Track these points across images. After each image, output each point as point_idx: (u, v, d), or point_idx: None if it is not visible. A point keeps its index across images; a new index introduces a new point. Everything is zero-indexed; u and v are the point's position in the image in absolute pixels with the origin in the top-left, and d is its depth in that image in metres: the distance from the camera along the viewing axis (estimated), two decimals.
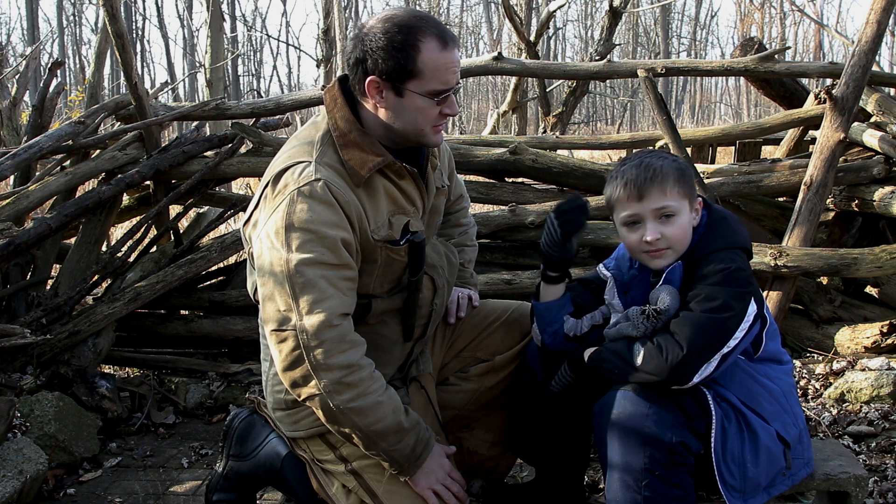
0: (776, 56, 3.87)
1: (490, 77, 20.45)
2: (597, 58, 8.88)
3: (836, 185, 3.52)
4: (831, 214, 3.81)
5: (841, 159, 3.43)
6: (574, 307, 1.93)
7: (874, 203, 3.41)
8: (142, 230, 3.53)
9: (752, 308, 1.66)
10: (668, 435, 1.59)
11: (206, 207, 4.05)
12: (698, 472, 1.65)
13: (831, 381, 2.99)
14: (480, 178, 3.85)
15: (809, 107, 4.05)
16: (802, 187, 3.32)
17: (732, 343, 1.62)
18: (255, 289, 1.84)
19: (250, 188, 7.18)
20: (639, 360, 1.64)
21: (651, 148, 3.93)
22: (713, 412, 1.64)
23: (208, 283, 3.82)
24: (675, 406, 1.63)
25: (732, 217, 1.81)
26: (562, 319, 1.90)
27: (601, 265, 1.94)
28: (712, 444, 1.63)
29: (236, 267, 3.83)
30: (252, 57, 30.49)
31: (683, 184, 1.73)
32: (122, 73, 4.04)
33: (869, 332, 3.18)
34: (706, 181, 3.50)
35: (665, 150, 3.58)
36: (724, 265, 1.67)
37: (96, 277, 3.37)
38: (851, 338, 3.22)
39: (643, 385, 1.64)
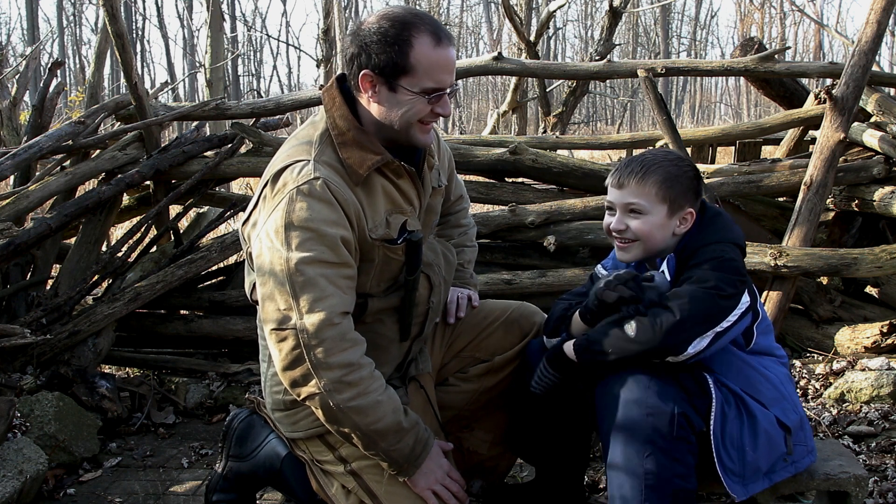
0: (776, 56, 3.87)
1: (490, 77, 20.45)
2: (597, 58, 8.88)
3: (836, 185, 3.52)
4: (831, 214, 3.81)
5: (841, 159, 3.43)
6: None
7: (874, 203, 3.41)
8: (142, 230, 3.53)
9: (746, 299, 1.69)
10: (670, 405, 1.60)
11: (206, 207, 4.05)
12: (700, 468, 1.65)
13: (831, 381, 2.99)
14: (480, 178, 3.85)
15: (809, 107, 4.05)
16: (802, 187, 3.32)
17: (725, 324, 1.64)
18: (253, 288, 1.84)
19: (250, 188, 7.19)
20: (632, 333, 1.64)
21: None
22: (713, 394, 1.65)
23: (208, 283, 3.82)
24: (676, 383, 1.65)
25: (727, 216, 1.85)
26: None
27: (599, 265, 1.98)
28: (711, 426, 1.64)
29: (236, 267, 3.83)
30: (252, 57, 30.51)
31: (666, 188, 1.76)
32: (122, 73, 4.04)
33: (869, 332, 3.18)
34: (706, 181, 3.50)
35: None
36: (715, 254, 1.70)
37: (96, 277, 3.37)
38: (851, 338, 3.22)
39: (640, 360, 1.65)
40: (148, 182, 3.81)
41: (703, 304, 1.62)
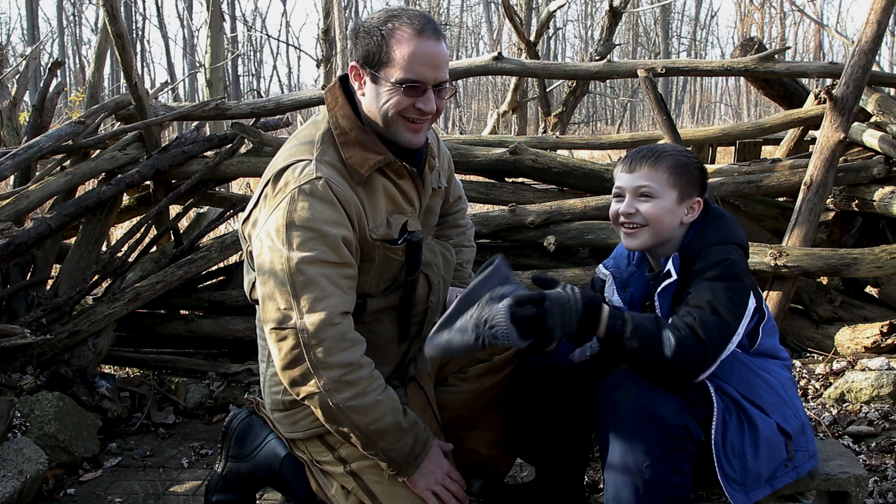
0: (776, 56, 3.87)
1: (490, 77, 20.47)
2: (597, 58, 8.88)
3: (836, 185, 3.52)
4: (831, 214, 3.81)
5: (841, 159, 3.43)
6: None
7: (874, 203, 3.41)
8: (142, 230, 3.53)
9: (752, 302, 1.69)
10: (671, 417, 1.59)
11: (206, 207, 4.05)
12: (698, 466, 1.65)
13: (831, 381, 2.99)
14: (480, 178, 3.85)
15: (809, 107, 4.05)
16: (802, 187, 3.32)
17: (736, 339, 1.65)
18: (252, 287, 1.84)
19: (250, 188, 7.19)
20: (668, 353, 1.60)
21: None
22: (715, 403, 1.65)
23: (208, 283, 3.82)
24: (679, 392, 1.64)
25: (730, 216, 1.84)
26: (567, 358, 1.90)
27: (601, 265, 1.97)
28: (713, 436, 1.64)
29: (236, 267, 3.83)
30: (252, 57, 30.51)
31: (677, 175, 1.77)
32: (122, 73, 4.05)
33: (869, 332, 3.18)
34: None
35: None
36: (721, 258, 1.69)
37: (96, 277, 3.37)
38: (851, 338, 3.22)
39: (658, 375, 1.63)
40: (148, 182, 3.81)
41: (723, 332, 1.62)
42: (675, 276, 1.72)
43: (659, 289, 1.75)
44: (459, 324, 1.56)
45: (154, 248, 3.77)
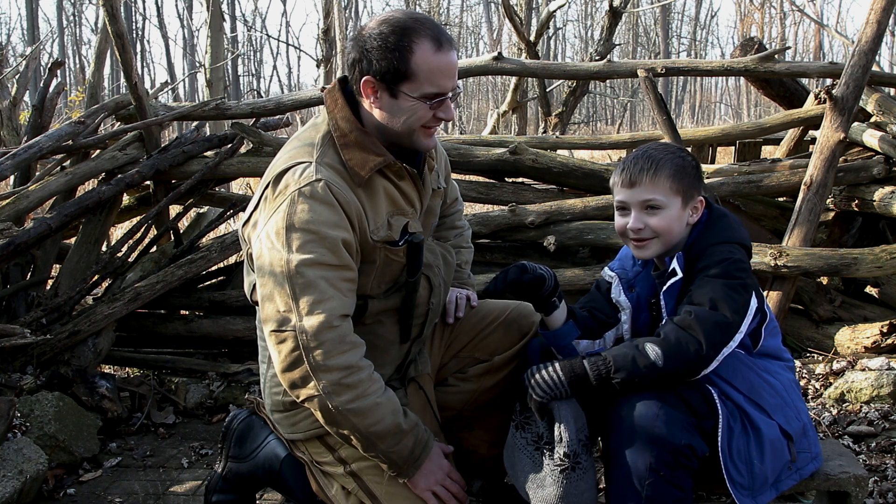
0: (776, 56, 3.87)
1: (490, 77, 20.45)
2: (597, 58, 8.88)
3: (836, 185, 3.52)
4: (831, 214, 3.81)
5: (841, 159, 3.43)
6: (590, 331, 1.93)
7: (874, 203, 3.41)
8: (142, 230, 3.53)
9: (753, 302, 1.69)
10: (676, 436, 1.59)
11: (206, 207, 4.05)
12: (702, 471, 1.66)
13: (831, 381, 2.99)
14: (480, 178, 3.85)
15: (809, 107, 4.05)
16: (802, 187, 3.32)
17: (739, 337, 1.65)
18: (253, 289, 1.84)
19: (250, 188, 7.18)
20: (660, 363, 1.62)
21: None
22: (719, 410, 1.65)
23: (208, 283, 3.82)
24: (685, 406, 1.63)
25: (733, 216, 1.84)
26: (571, 344, 1.89)
27: (606, 268, 1.97)
28: (719, 444, 1.64)
29: (236, 267, 3.83)
30: (252, 57, 30.52)
31: (679, 181, 1.75)
32: (122, 73, 4.05)
33: (869, 332, 3.18)
34: (706, 181, 3.50)
35: None
36: (723, 257, 1.70)
37: (96, 277, 3.37)
38: (851, 338, 3.22)
39: (664, 384, 1.64)
40: (148, 182, 3.81)
41: (721, 327, 1.63)
42: (680, 275, 1.72)
43: (665, 287, 1.75)
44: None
45: (154, 248, 3.78)
